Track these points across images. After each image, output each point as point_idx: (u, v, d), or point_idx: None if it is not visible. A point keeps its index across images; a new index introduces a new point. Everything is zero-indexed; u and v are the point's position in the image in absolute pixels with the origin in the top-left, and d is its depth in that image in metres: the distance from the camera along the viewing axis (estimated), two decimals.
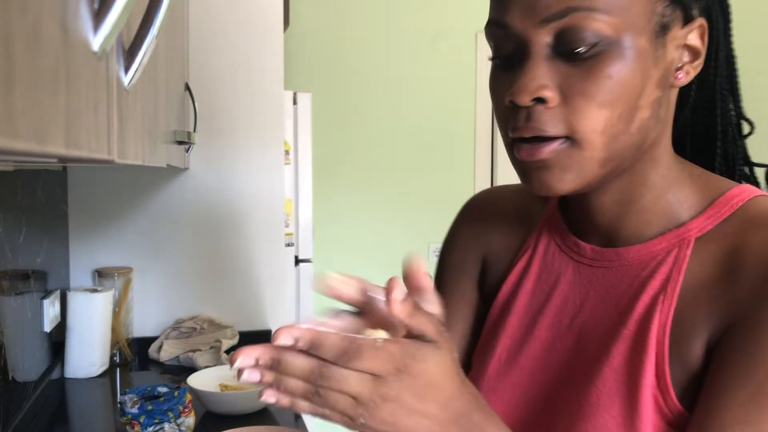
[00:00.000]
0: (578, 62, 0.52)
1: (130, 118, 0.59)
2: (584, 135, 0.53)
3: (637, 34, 0.52)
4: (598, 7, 0.51)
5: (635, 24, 0.52)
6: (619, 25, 0.51)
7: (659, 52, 0.54)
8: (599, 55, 0.52)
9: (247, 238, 2.00)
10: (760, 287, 0.50)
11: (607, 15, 0.51)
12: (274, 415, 1.46)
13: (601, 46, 0.52)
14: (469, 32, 3.10)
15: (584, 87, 0.52)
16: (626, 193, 0.59)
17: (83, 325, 1.70)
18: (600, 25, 0.51)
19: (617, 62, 0.52)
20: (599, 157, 0.54)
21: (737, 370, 0.49)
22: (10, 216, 1.38)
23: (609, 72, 0.52)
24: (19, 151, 0.28)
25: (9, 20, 0.26)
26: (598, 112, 0.52)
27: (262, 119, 1.99)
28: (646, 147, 0.57)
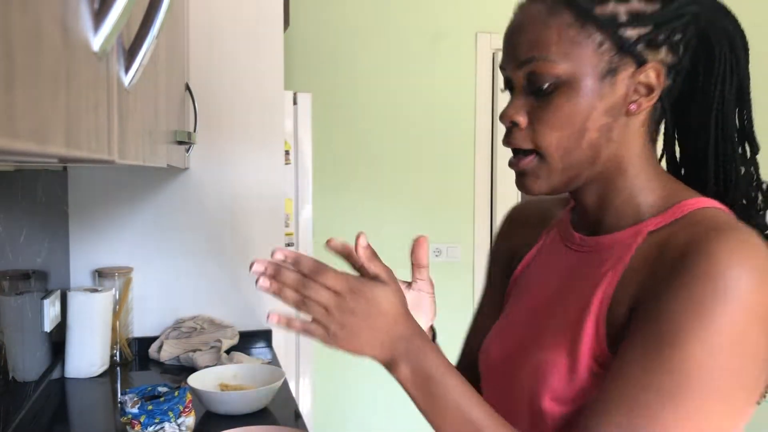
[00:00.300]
0: (541, 96, 0.70)
1: (130, 119, 0.59)
2: (545, 150, 0.71)
3: (584, 76, 0.68)
4: (551, 57, 0.69)
5: (582, 69, 0.68)
6: (568, 69, 0.68)
7: (606, 89, 0.69)
8: (554, 91, 0.69)
9: (247, 238, 2.00)
10: (669, 271, 0.64)
11: (559, 62, 0.68)
12: (274, 415, 1.46)
13: (555, 85, 0.69)
14: (469, 32, 3.10)
15: (542, 115, 0.70)
16: (602, 195, 0.75)
17: (83, 325, 1.70)
18: (554, 69, 0.69)
19: (566, 97, 0.69)
20: (558, 167, 0.72)
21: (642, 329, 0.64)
22: (11, 216, 1.38)
23: (560, 104, 0.69)
24: (20, 151, 0.29)
25: (9, 20, 0.26)
26: (551, 134, 0.70)
27: (262, 119, 1.99)
28: (606, 160, 0.72)
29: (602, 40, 0.68)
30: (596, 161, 0.72)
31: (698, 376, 0.60)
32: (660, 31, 0.69)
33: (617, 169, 0.73)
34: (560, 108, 0.69)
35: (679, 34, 0.70)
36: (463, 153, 3.12)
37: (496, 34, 3.12)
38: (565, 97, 0.69)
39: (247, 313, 2.00)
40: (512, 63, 0.72)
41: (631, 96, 0.70)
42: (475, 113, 3.13)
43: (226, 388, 1.52)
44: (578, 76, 0.68)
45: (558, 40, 0.69)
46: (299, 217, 2.37)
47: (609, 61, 0.69)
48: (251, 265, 0.72)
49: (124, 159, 0.55)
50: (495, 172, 3.16)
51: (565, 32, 0.68)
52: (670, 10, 0.69)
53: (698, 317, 0.60)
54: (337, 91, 2.96)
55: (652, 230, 0.70)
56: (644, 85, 0.70)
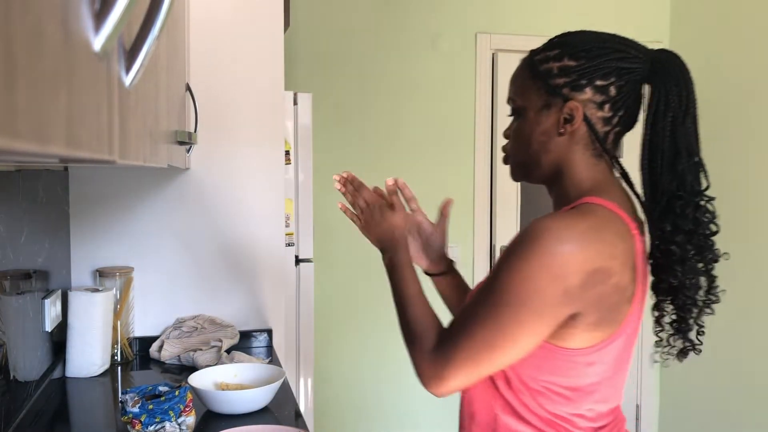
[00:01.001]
0: (514, 121, 1.06)
1: (131, 119, 0.60)
2: (509, 154, 1.08)
3: (529, 109, 1.02)
4: (516, 96, 1.04)
5: (529, 104, 1.02)
6: (522, 105, 1.03)
7: (542, 118, 1.00)
8: (517, 118, 1.05)
9: (248, 238, 2.00)
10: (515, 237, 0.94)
11: (518, 100, 1.04)
12: (274, 414, 1.46)
13: (517, 114, 1.05)
14: (469, 32, 3.10)
15: (512, 132, 1.06)
16: (557, 193, 1.04)
17: (84, 324, 1.70)
18: (516, 104, 1.04)
19: (521, 122, 1.04)
20: (515, 164, 1.08)
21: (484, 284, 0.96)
22: (12, 216, 1.38)
23: (518, 126, 1.04)
24: (21, 152, 0.29)
25: (10, 21, 0.26)
26: (513, 144, 1.06)
27: (263, 119, 1.99)
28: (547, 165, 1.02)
29: (541, 86, 1.00)
30: (539, 164, 1.03)
31: (505, 293, 0.90)
32: (580, 79, 0.97)
33: (558, 171, 1.02)
34: (517, 129, 1.04)
35: (602, 81, 0.97)
36: (462, 153, 3.12)
37: (496, 35, 3.12)
38: (520, 122, 1.04)
39: (248, 312, 2.01)
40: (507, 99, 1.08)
41: (560, 123, 0.99)
42: (474, 113, 3.13)
43: (226, 388, 1.53)
44: (527, 109, 1.02)
45: (520, 86, 1.04)
46: (299, 217, 2.37)
47: (544, 100, 1.00)
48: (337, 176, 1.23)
49: (125, 159, 0.56)
50: (495, 172, 3.16)
51: (523, 81, 1.03)
52: (591, 65, 0.96)
53: (512, 258, 0.91)
54: (337, 91, 2.96)
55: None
56: (567, 117, 0.98)
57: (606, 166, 1.01)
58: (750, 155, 2.84)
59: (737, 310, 2.91)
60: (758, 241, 2.80)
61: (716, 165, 3.00)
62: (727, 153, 2.94)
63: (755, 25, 2.82)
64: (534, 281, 0.88)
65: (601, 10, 3.25)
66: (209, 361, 1.75)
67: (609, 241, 0.91)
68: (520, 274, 0.89)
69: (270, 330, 2.01)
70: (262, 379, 1.55)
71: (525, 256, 0.89)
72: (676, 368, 3.33)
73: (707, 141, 1.06)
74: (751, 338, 2.85)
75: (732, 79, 2.94)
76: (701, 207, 0.99)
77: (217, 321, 1.93)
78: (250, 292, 2.01)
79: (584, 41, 0.98)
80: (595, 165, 1.00)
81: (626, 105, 0.99)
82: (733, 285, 2.92)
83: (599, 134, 0.99)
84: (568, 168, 1.00)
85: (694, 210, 0.98)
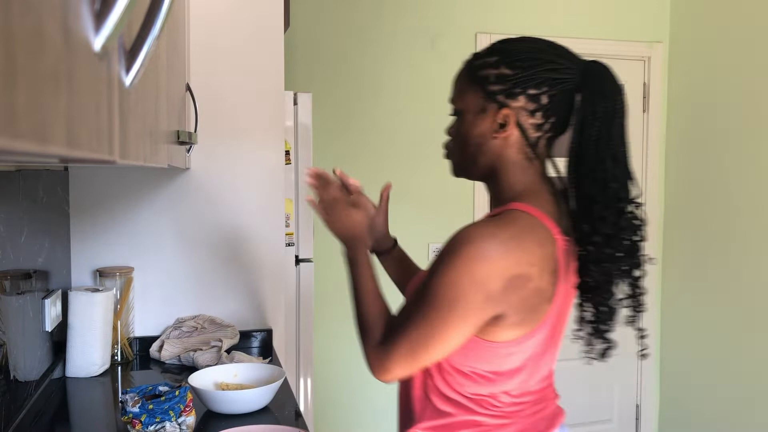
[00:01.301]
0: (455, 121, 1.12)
1: (131, 119, 0.60)
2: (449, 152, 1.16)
3: (467, 112, 1.08)
4: (455, 99, 1.11)
5: (466, 106, 1.09)
6: (461, 107, 1.10)
7: (478, 121, 1.07)
8: (456, 120, 1.11)
9: (248, 238, 2.00)
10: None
11: (458, 102, 1.10)
12: (274, 414, 1.46)
13: (457, 115, 1.11)
14: (469, 32, 3.10)
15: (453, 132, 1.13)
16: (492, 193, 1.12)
17: (84, 324, 1.70)
18: (456, 106, 1.11)
19: (459, 123, 1.10)
20: (454, 162, 1.15)
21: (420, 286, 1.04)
22: (12, 216, 1.38)
23: (457, 127, 1.11)
24: (21, 152, 0.29)
25: (11, 21, 0.26)
26: (452, 143, 1.14)
27: (263, 119, 1.99)
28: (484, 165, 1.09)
29: (478, 90, 1.06)
30: (476, 164, 1.10)
31: (435, 296, 0.99)
32: (514, 87, 1.03)
33: (493, 172, 1.09)
34: (457, 129, 1.11)
35: (534, 90, 1.03)
36: None
37: (496, 35, 3.12)
38: (459, 123, 1.10)
39: (248, 312, 2.01)
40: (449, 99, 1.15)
41: (495, 127, 1.05)
42: None
43: (226, 388, 1.53)
44: (464, 112, 1.09)
45: (459, 89, 1.10)
46: (299, 217, 2.37)
47: (481, 104, 1.06)
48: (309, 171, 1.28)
49: (125, 159, 0.56)
50: None
51: (463, 84, 1.10)
52: (525, 74, 1.03)
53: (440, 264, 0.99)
54: (337, 91, 2.96)
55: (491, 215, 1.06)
56: (500, 122, 1.05)
57: (537, 168, 1.08)
58: (750, 155, 2.84)
59: (737, 311, 2.91)
60: (758, 241, 2.80)
61: (717, 164, 3.02)
62: (728, 153, 2.94)
63: (755, 25, 2.82)
64: (459, 287, 0.96)
65: (601, 10, 3.25)
66: (209, 361, 1.75)
67: (529, 249, 0.98)
68: (447, 279, 0.97)
69: (270, 330, 2.01)
70: (262, 379, 1.55)
71: (452, 263, 0.97)
72: (676, 368, 3.33)
73: (707, 140, 1.06)
74: (751, 338, 2.85)
75: (732, 79, 2.94)
76: (625, 213, 1.03)
77: (217, 321, 1.93)
78: (250, 292, 2.01)
79: (521, 51, 1.05)
80: (527, 168, 1.07)
81: (557, 112, 1.05)
82: (734, 286, 2.93)
83: (531, 140, 1.06)
84: (502, 169, 1.08)
85: (617, 216, 1.02)
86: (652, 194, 3.36)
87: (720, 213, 3.00)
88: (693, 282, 3.19)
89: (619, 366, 3.38)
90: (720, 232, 3.00)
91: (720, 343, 3.02)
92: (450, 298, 0.97)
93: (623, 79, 1.09)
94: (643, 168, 3.36)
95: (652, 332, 3.41)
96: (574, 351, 1.20)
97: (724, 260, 2.98)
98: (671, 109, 3.33)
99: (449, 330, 0.99)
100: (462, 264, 0.96)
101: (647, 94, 3.32)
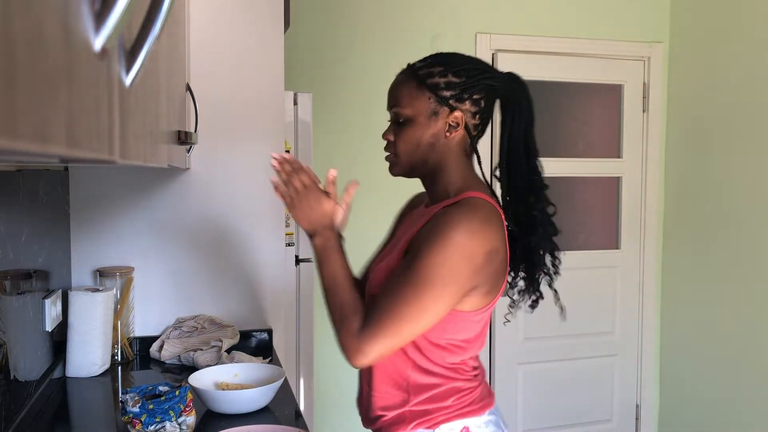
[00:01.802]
0: (399, 125, 1.23)
1: (131, 119, 0.60)
2: (399, 154, 1.24)
3: (418, 115, 1.20)
4: (401, 104, 1.21)
5: (417, 111, 1.20)
6: (410, 112, 1.21)
7: (431, 123, 1.20)
8: (404, 123, 1.22)
9: (248, 238, 2.00)
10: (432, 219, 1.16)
11: (405, 108, 1.21)
12: (274, 414, 1.46)
13: (404, 120, 1.21)
14: (469, 32, 3.10)
15: (399, 136, 1.23)
16: (433, 183, 1.26)
17: (84, 324, 1.70)
18: (404, 111, 1.21)
19: (410, 127, 1.21)
20: (404, 163, 1.24)
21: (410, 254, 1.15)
22: (12, 216, 1.38)
23: (407, 130, 1.21)
24: (21, 152, 0.29)
25: (11, 21, 0.26)
26: (402, 146, 1.22)
27: (263, 119, 2.00)
28: (432, 163, 1.23)
29: (429, 96, 1.20)
30: (426, 163, 1.23)
31: (427, 275, 1.10)
32: (463, 93, 1.19)
33: (440, 169, 1.23)
34: (407, 133, 1.21)
35: (477, 95, 1.20)
36: None
37: (496, 35, 3.12)
38: (409, 126, 1.21)
39: (248, 312, 2.01)
40: (388, 107, 1.25)
41: (447, 128, 1.20)
42: None
43: (226, 388, 1.53)
44: (416, 116, 1.20)
45: (407, 96, 1.21)
46: None
47: (433, 108, 1.20)
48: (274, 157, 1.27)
49: (126, 159, 0.56)
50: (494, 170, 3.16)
51: (410, 91, 1.21)
52: (470, 81, 1.19)
53: (430, 246, 1.11)
54: (337, 91, 2.96)
55: (445, 206, 1.18)
56: (453, 123, 1.20)
57: (471, 164, 1.26)
58: (750, 155, 2.84)
59: (737, 312, 2.92)
60: (759, 241, 2.80)
61: (716, 164, 3.02)
62: (727, 152, 2.94)
63: (755, 25, 2.82)
64: (450, 264, 1.11)
65: (601, 10, 3.25)
66: (209, 360, 1.75)
67: (495, 226, 1.16)
68: (438, 259, 1.10)
69: (270, 330, 2.01)
70: (262, 378, 1.55)
71: (441, 245, 1.10)
72: (676, 368, 3.33)
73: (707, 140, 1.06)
74: (751, 339, 2.85)
75: (732, 78, 2.94)
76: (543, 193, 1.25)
77: (217, 321, 1.93)
78: (250, 292, 2.01)
79: (462, 61, 1.22)
80: (465, 163, 1.24)
81: (488, 115, 1.24)
82: (734, 286, 2.93)
83: (473, 139, 1.23)
84: (446, 166, 1.23)
85: (543, 201, 1.24)
86: (652, 194, 3.36)
87: (720, 213, 3.00)
88: (693, 282, 3.19)
89: (619, 366, 3.38)
90: (720, 233, 3.00)
91: (720, 344, 3.02)
92: (443, 275, 1.10)
93: (623, 79, 1.13)
94: (643, 168, 3.36)
95: (652, 332, 3.41)
96: (574, 351, 1.22)
97: (725, 260, 2.98)
98: (671, 109, 3.33)
99: (439, 304, 1.12)
100: (451, 244, 1.10)
101: (647, 94, 3.32)
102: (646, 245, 3.38)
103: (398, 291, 1.12)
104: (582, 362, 3.29)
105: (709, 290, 3.08)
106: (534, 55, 3.16)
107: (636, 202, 3.37)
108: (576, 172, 3.28)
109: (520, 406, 3.23)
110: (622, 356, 3.38)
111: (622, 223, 3.36)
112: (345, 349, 1.15)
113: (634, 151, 3.34)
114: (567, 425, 3.29)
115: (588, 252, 3.29)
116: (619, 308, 3.36)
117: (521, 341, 3.20)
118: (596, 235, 3.40)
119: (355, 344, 1.13)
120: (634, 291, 3.39)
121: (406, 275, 1.12)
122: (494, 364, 3.19)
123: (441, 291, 1.11)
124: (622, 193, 3.35)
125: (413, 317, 1.11)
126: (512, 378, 3.21)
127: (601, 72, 3.25)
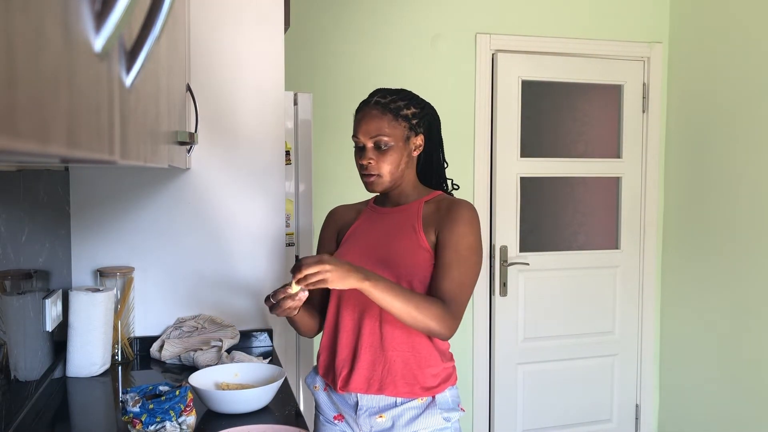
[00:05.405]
0: (381, 150, 1.50)
1: (131, 119, 0.60)
2: (383, 175, 1.51)
3: (397, 141, 1.50)
4: (384, 133, 1.49)
5: (396, 138, 1.50)
6: (391, 139, 1.49)
7: (407, 146, 1.52)
8: (386, 148, 1.50)
9: (248, 237, 2.00)
10: (449, 214, 1.49)
11: (387, 136, 1.49)
12: (274, 413, 1.46)
13: (386, 146, 1.50)
14: (469, 32, 3.10)
15: (383, 159, 1.50)
16: (401, 190, 1.57)
17: (85, 324, 1.70)
18: (385, 139, 1.49)
19: (392, 151, 1.50)
20: (387, 181, 1.52)
21: (448, 241, 1.47)
22: (13, 216, 1.38)
23: (390, 154, 1.50)
24: (22, 152, 0.29)
25: (11, 21, 0.26)
26: (386, 168, 1.51)
27: (263, 120, 2.00)
28: (404, 177, 1.54)
29: (404, 125, 1.51)
30: (402, 176, 1.54)
31: (469, 252, 1.46)
32: (421, 120, 1.53)
33: (406, 181, 1.56)
34: (391, 156, 1.50)
35: (426, 122, 1.55)
36: (462, 153, 3.12)
37: (496, 35, 3.12)
38: (392, 151, 1.50)
39: (248, 312, 2.01)
40: (366, 136, 1.50)
41: (414, 149, 1.54)
42: (474, 113, 3.13)
43: (226, 387, 1.53)
44: (396, 141, 1.50)
45: (388, 127, 1.49)
46: (299, 217, 2.37)
47: (407, 134, 1.51)
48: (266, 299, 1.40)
49: (126, 159, 0.56)
50: (494, 172, 3.16)
51: (390, 123, 1.49)
52: (423, 111, 1.54)
53: (465, 230, 1.47)
54: (337, 91, 2.96)
55: (426, 201, 1.55)
56: (418, 144, 1.54)
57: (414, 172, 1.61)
58: (750, 155, 2.84)
59: (737, 312, 2.92)
60: (759, 241, 2.80)
61: (716, 164, 3.02)
62: (727, 152, 2.94)
63: (755, 25, 2.82)
64: (479, 244, 1.50)
65: (601, 10, 3.25)
66: (210, 360, 1.75)
67: None
68: (474, 239, 1.48)
69: (270, 330, 2.01)
70: (262, 378, 1.55)
71: (473, 228, 1.48)
72: (676, 366, 3.33)
73: (707, 140, 1.06)
74: (751, 339, 2.85)
75: (731, 79, 2.94)
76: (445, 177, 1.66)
77: (217, 321, 1.93)
78: (250, 292, 2.01)
79: (412, 95, 1.55)
80: (413, 173, 1.58)
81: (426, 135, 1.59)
82: (733, 286, 2.93)
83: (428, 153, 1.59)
84: (408, 177, 1.57)
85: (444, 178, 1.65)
86: (651, 194, 3.36)
87: (720, 213, 3.00)
88: (692, 282, 3.19)
89: (619, 366, 3.38)
90: (720, 233, 3.00)
91: (720, 344, 3.02)
92: (480, 249, 1.49)
93: (623, 80, 1.12)
94: (643, 168, 3.36)
95: (652, 332, 3.41)
96: (574, 351, 1.20)
97: (724, 260, 2.98)
98: (671, 109, 3.33)
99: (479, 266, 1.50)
100: (477, 225, 1.49)
101: (647, 94, 3.32)
102: (645, 245, 3.38)
103: (461, 269, 1.44)
104: (582, 362, 3.29)
105: (708, 290, 3.08)
106: (534, 55, 3.16)
107: (636, 202, 3.37)
108: (576, 172, 3.28)
109: (520, 406, 3.23)
110: (622, 356, 3.39)
111: (621, 223, 3.36)
112: (444, 333, 1.40)
113: (633, 151, 3.34)
114: (567, 425, 3.29)
115: (588, 252, 3.29)
116: (619, 308, 3.36)
117: (521, 341, 3.20)
118: (596, 235, 3.40)
119: (451, 323, 1.40)
120: (634, 291, 3.39)
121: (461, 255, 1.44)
122: (494, 364, 3.19)
123: (479, 266, 1.49)
124: (621, 193, 3.35)
125: (473, 285, 1.47)
126: (512, 378, 3.21)
127: (600, 72, 3.25)
